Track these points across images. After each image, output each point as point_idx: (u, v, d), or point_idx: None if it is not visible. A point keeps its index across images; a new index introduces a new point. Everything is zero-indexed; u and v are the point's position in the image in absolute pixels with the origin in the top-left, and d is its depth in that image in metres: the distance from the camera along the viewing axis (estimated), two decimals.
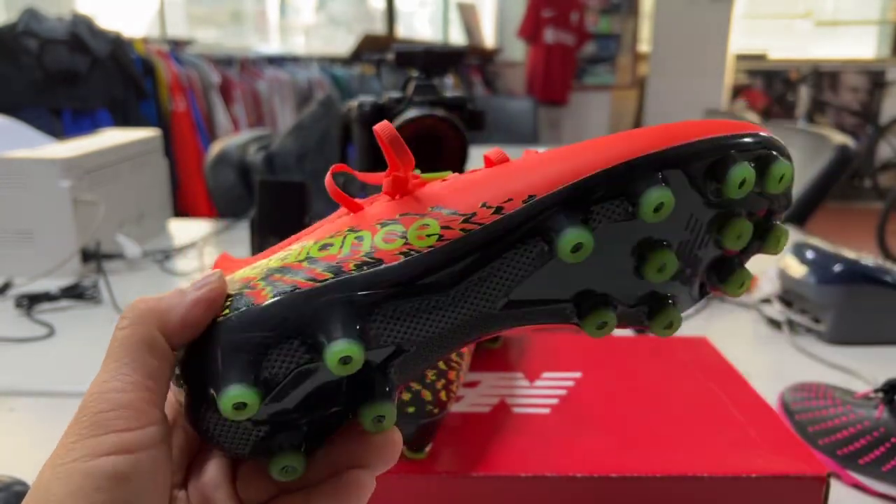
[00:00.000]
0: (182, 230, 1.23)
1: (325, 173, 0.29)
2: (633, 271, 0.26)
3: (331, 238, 0.26)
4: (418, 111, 0.65)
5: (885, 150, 4.17)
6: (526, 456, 0.42)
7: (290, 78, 2.97)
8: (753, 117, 3.01)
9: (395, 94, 0.69)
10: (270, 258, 0.26)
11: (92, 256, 0.93)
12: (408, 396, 0.40)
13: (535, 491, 0.41)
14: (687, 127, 0.25)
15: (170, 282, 0.96)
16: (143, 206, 1.13)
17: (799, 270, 0.76)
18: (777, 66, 4.42)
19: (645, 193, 0.23)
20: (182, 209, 2.26)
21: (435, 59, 0.75)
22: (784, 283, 0.79)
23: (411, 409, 0.40)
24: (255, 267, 0.26)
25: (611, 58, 4.52)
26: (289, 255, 0.25)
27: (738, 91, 4.38)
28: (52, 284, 0.86)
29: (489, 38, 4.66)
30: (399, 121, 0.66)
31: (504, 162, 0.27)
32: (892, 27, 4.49)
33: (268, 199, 0.79)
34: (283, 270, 0.25)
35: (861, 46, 4.56)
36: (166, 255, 1.04)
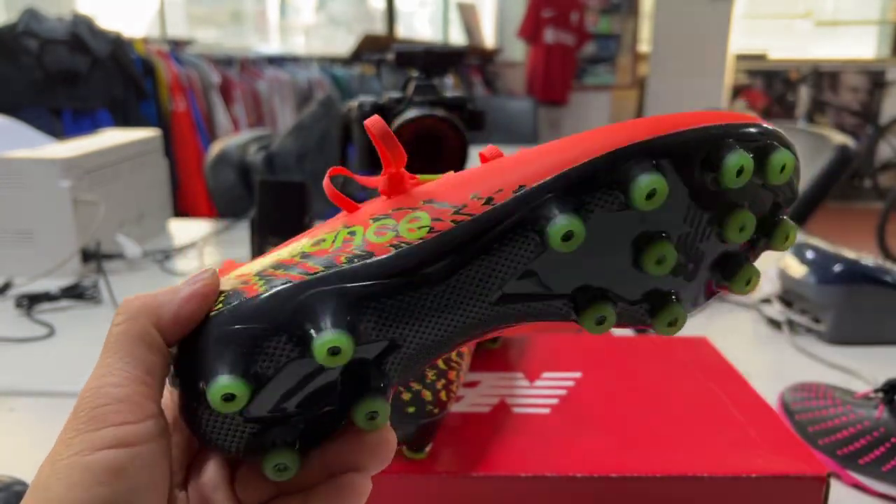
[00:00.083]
0: (182, 230, 1.23)
1: (326, 173, 0.29)
2: (633, 265, 0.25)
3: (324, 234, 0.26)
4: (418, 111, 0.65)
5: (885, 150, 4.17)
6: (526, 456, 0.42)
7: (290, 78, 2.97)
8: None
9: (395, 94, 0.69)
10: (266, 257, 0.26)
11: (92, 256, 0.93)
12: (408, 396, 0.40)
13: (535, 491, 0.41)
14: (682, 117, 0.25)
15: (170, 282, 0.96)
16: (143, 206, 1.13)
17: (799, 270, 0.76)
18: (777, 66, 4.42)
19: (636, 180, 0.23)
20: (182, 209, 2.27)
21: (435, 59, 0.75)
22: (784, 283, 0.79)
23: (411, 409, 0.40)
24: (252, 265, 0.26)
25: (611, 58, 4.52)
26: (283, 252, 0.26)
27: (738, 91, 4.38)
28: (52, 284, 0.86)
29: (489, 38, 4.66)
30: (399, 121, 0.66)
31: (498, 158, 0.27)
32: (892, 27, 4.49)
33: (268, 199, 0.79)
34: (277, 266, 0.25)
35: (861, 46, 4.56)
36: (166, 255, 1.04)
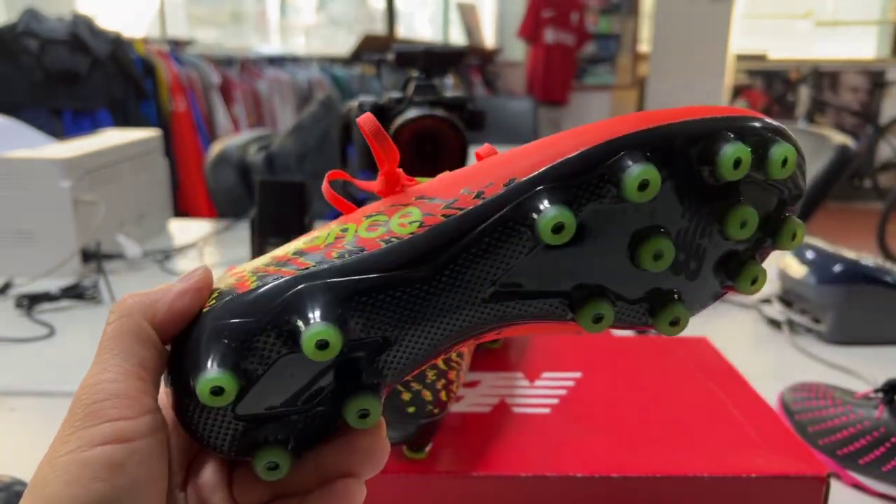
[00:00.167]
0: (182, 230, 1.23)
1: (326, 173, 0.29)
2: (630, 262, 0.25)
3: (319, 233, 0.26)
4: (418, 111, 0.65)
5: (885, 150, 4.17)
6: (526, 456, 0.42)
7: (290, 78, 2.97)
8: None
9: (396, 95, 0.69)
10: (264, 256, 0.26)
11: (92, 256, 0.93)
12: (408, 396, 0.40)
13: (535, 491, 0.41)
14: (680, 110, 0.24)
15: (170, 282, 0.96)
16: (143, 206, 1.13)
17: (799, 270, 0.76)
18: (777, 67, 4.42)
19: (627, 171, 0.23)
20: (182, 209, 2.27)
21: (435, 60, 0.75)
22: (784, 283, 0.79)
23: (411, 409, 0.40)
24: (248, 264, 0.26)
25: (611, 58, 4.52)
26: (278, 251, 0.26)
27: (738, 91, 4.38)
28: (53, 284, 0.86)
29: (489, 38, 4.66)
30: (399, 121, 0.66)
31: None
32: (892, 27, 4.49)
33: (268, 199, 0.79)
34: (271, 264, 0.25)
35: (861, 46, 4.56)
36: (166, 255, 1.04)
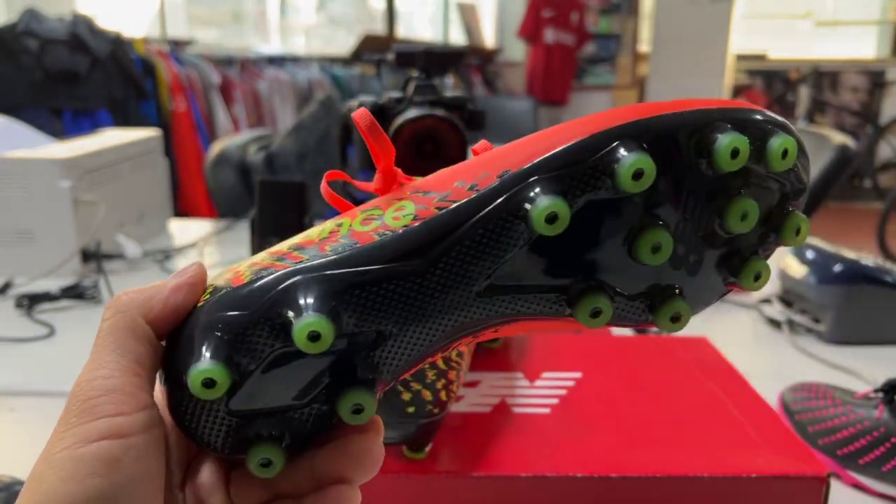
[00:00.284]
0: (182, 230, 1.23)
1: (326, 173, 0.29)
2: (629, 255, 0.25)
3: (315, 229, 0.26)
4: (418, 111, 0.65)
5: (885, 150, 4.17)
6: (526, 456, 0.42)
7: (290, 78, 2.97)
8: None
9: (396, 94, 0.69)
10: (261, 253, 0.26)
11: (92, 256, 0.93)
12: (408, 396, 0.40)
13: (535, 491, 0.41)
14: (678, 102, 0.24)
15: None
16: (143, 206, 1.13)
17: (799, 270, 0.76)
18: (777, 66, 4.42)
19: (622, 160, 0.23)
20: (182, 209, 2.27)
21: (435, 59, 0.75)
22: (784, 283, 0.79)
23: (411, 409, 0.40)
24: (246, 260, 0.26)
25: (611, 58, 4.51)
26: (274, 247, 0.26)
27: (738, 91, 4.38)
28: (53, 284, 0.86)
29: (489, 38, 4.66)
30: (399, 121, 0.66)
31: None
32: (892, 27, 4.49)
33: (268, 199, 0.79)
34: (267, 258, 0.25)
35: (861, 46, 4.56)
36: (166, 255, 1.04)
